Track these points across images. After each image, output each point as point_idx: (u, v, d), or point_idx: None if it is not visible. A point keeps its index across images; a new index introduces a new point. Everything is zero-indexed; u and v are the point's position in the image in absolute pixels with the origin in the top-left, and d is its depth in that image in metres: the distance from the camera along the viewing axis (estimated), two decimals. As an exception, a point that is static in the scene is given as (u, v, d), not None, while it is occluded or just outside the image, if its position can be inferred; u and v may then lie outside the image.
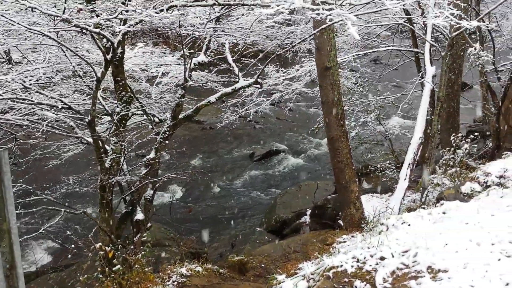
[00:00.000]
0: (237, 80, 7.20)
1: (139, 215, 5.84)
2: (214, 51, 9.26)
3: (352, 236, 4.52)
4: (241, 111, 11.57)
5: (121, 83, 5.90)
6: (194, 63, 6.72)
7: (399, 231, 3.50)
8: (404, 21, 11.35)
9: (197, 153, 15.91)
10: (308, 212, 10.52)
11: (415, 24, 11.45)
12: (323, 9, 3.89)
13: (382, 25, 11.86)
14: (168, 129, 6.27)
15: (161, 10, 5.39)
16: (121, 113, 5.68)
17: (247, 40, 9.29)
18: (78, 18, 4.95)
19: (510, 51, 13.91)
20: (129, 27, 4.92)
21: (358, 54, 11.03)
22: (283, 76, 10.84)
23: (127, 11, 3.92)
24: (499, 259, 2.76)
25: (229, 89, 6.90)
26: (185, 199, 12.49)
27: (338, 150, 7.80)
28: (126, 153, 5.58)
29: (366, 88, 12.65)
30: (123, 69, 6.05)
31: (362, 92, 12.14)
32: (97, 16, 4.36)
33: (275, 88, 10.10)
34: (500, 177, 4.84)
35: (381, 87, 17.39)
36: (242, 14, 9.48)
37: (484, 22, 11.66)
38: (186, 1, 5.10)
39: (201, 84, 10.09)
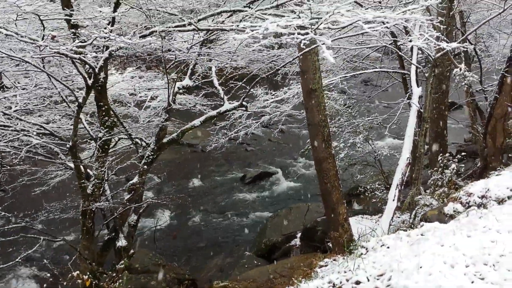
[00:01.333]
0: (222, 103, 7.24)
1: (122, 242, 5.75)
2: (201, 74, 9.35)
3: (334, 260, 4.46)
4: (230, 134, 11.58)
5: (104, 108, 5.89)
6: (178, 87, 6.75)
7: (377, 254, 3.46)
8: (390, 44, 11.51)
9: (188, 176, 15.85)
10: (298, 235, 10.42)
11: (402, 46, 11.60)
12: (298, 34, 3.94)
13: (369, 47, 12.02)
14: (152, 153, 6.24)
15: (144, 36, 5.46)
16: (103, 138, 5.66)
17: (234, 63, 9.40)
18: (63, 44, 4.99)
19: (499, 71, 14.08)
20: (110, 53, 4.95)
21: (346, 76, 11.13)
22: (272, 98, 10.92)
23: (102, 37, 3.95)
24: (472, 282, 2.72)
25: (214, 112, 6.93)
26: (174, 223, 12.35)
27: (325, 172, 7.77)
28: (107, 178, 5.53)
29: (355, 110, 12.72)
30: (106, 94, 6.06)
31: (351, 113, 12.19)
32: (72, 42, 4.39)
33: (263, 110, 10.15)
34: (482, 197, 4.83)
35: (372, 108, 17.52)
36: (232, 38, 9.60)
37: (467, 43, 11.85)
38: (167, 27, 5.17)
39: (189, 108, 10.15)
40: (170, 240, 11.14)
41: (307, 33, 3.93)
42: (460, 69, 9.24)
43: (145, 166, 6.05)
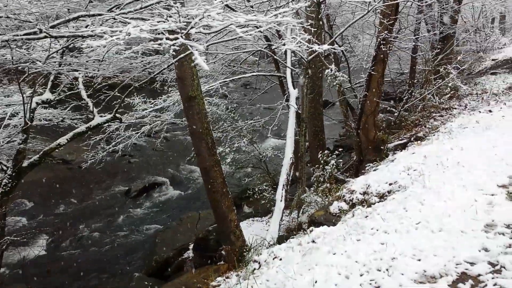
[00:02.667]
0: (93, 117, 6.55)
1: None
2: (67, 86, 8.45)
3: (227, 277, 4.20)
4: (108, 148, 10.74)
5: None
6: (37, 102, 5.91)
7: (270, 271, 3.28)
8: (265, 47, 11.70)
9: (65, 196, 14.39)
10: (191, 247, 10.07)
11: (276, 49, 11.86)
12: (166, 39, 3.60)
13: (245, 52, 12.05)
14: (10, 180, 5.34)
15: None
16: None
17: (103, 72, 8.68)
18: None
19: (366, 69, 15.22)
20: None
21: (225, 81, 11.01)
22: (151, 107, 10.34)
23: None
24: (367, 291, 2.66)
25: (83, 128, 6.21)
26: (52, 252, 11.03)
27: (213, 180, 7.54)
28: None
29: (237, 114, 12.72)
30: None
31: (234, 117, 12.16)
32: None
33: (141, 121, 9.53)
34: (364, 193, 4.98)
35: (254, 110, 17.78)
36: (99, 46, 8.82)
37: (336, 44, 12.48)
38: (13, 36, 4.42)
39: (56, 123, 9.13)
40: (45, 274, 9.88)
41: (176, 38, 3.60)
42: (331, 70, 9.72)
43: (9, 196, 5.14)
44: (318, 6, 7.41)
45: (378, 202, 4.58)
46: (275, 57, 8.89)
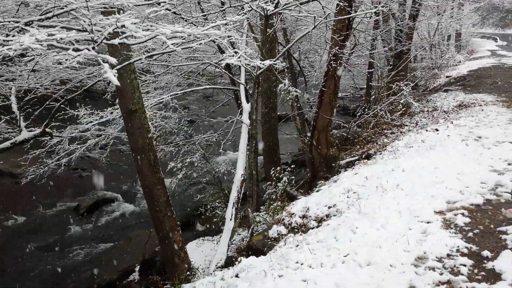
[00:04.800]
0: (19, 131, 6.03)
1: None
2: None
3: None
4: (51, 162, 10.17)
5: None
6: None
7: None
8: (220, 60, 11.43)
9: (10, 211, 13.58)
10: (138, 268, 9.57)
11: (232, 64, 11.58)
12: (73, 49, 3.26)
13: (198, 63, 11.68)
14: None
15: None
16: None
17: (44, 82, 8.19)
18: None
19: (315, 85, 15.11)
20: None
21: (177, 94, 10.61)
22: (96, 120, 9.85)
23: None
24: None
25: (7, 144, 5.71)
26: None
27: (155, 199, 7.18)
28: None
29: (191, 127, 12.35)
30: None
31: (187, 131, 11.78)
32: None
33: (83, 134, 9.02)
34: (303, 217, 4.72)
35: (214, 123, 17.40)
36: (39, 55, 8.33)
37: (292, 59, 12.32)
38: None
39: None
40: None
41: (88, 49, 3.27)
42: (285, 85, 9.53)
43: None
44: (266, 20, 7.20)
45: (316, 227, 4.33)
46: (223, 71, 8.61)
